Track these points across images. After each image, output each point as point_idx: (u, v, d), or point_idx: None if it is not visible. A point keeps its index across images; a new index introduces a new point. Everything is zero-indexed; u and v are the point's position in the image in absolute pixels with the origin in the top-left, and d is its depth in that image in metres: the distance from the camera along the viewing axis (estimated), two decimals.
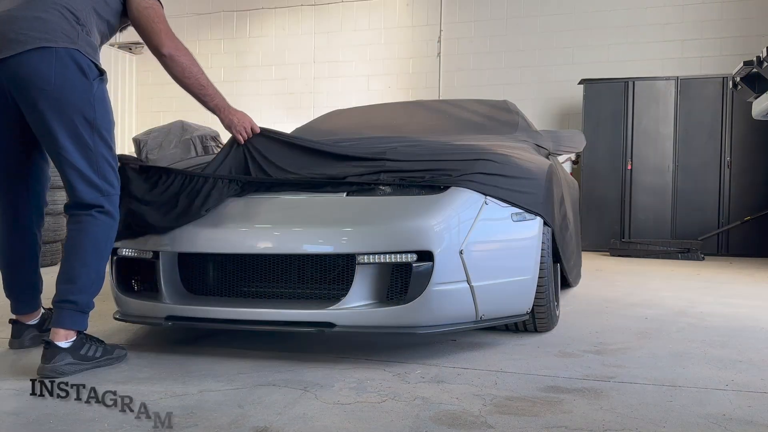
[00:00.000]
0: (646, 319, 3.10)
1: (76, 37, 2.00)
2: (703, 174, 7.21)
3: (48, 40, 1.93)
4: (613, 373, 2.11)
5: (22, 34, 1.93)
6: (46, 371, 1.95)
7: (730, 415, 1.71)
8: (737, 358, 2.34)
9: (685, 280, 4.74)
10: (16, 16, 1.96)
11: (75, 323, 2.05)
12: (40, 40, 1.92)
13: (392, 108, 4.25)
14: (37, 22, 1.95)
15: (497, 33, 8.57)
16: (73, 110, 1.99)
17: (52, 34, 1.95)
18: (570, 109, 8.24)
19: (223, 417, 1.66)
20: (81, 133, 2.02)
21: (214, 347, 2.43)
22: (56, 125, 1.99)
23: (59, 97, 1.96)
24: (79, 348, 2.05)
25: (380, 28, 9.02)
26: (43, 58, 1.92)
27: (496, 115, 3.76)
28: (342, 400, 1.80)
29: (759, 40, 7.47)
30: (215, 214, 2.37)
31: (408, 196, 2.28)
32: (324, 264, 2.32)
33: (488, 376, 2.05)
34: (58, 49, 1.94)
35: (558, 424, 1.63)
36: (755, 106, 5.56)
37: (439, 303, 2.15)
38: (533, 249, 2.43)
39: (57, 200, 5.28)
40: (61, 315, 2.02)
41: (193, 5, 9.65)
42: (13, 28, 1.94)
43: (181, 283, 2.41)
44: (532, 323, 2.60)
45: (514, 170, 2.42)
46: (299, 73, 9.25)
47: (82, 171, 2.06)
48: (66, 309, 2.03)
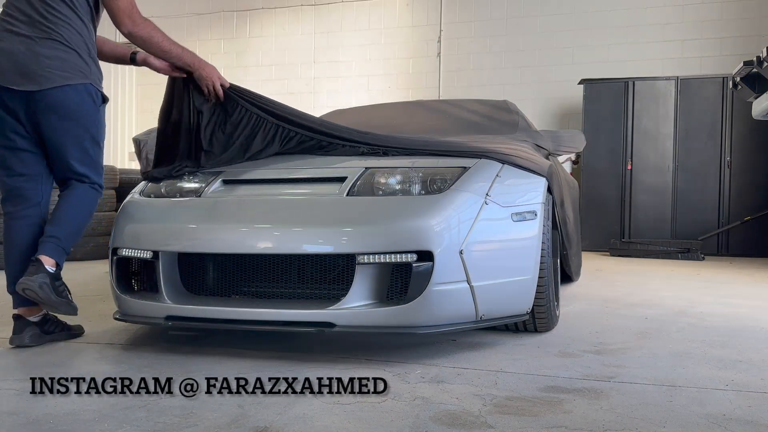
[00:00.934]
0: (646, 319, 3.10)
1: (89, 72, 2.43)
2: (703, 174, 7.22)
3: (68, 78, 2.35)
4: (613, 373, 2.10)
5: (47, 70, 2.31)
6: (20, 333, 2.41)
7: (730, 415, 1.71)
8: (737, 358, 2.34)
9: (685, 280, 4.74)
10: (39, 52, 2.31)
11: (56, 255, 2.38)
12: (62, 78, 2.33)
13: (392, 108, 4.25)
14: (58, 62, 2.33)
15: (497, 33, 8.57)
16: (84, 130, 2.44)
17: (71, 72, 2.36)
18: (570, 109, 8.24)
19: (223, 417, 1.66)
20: (86, 147, 2.48)
21: (214, 347, 2.43)
22: (69, 141, 2.42)
23: (74, 121, 2.40)
24: (44, 323, 2.47)
25: (380, 28, 9.03)
26: (64, 93, 2.34)
27: (496, 115, 3.77)
28: (342, 400, 1.80)
29: (759, 40, 7.48)
30: (215, 214, 2.37)
31: (408, 196, 2.28)
32: (324, 264, 2.32)
33: (488, 376, 2.05)
34: (77, 85, 2.37)
35: (558, 424, 1.63)
36: (755, 106, 5.57)
37: (439, 303, 2.15)
38: (533, 249, 2.43)
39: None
40: (46, 245, 2.37)
41: (193, 5, 9.66)
42: (39, 65, 2.31)
43: (181, 283, 2.41)
44: (532, 323, 2.60)
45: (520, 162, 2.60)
46: (299, 73, 9.26)
47: (79, 170, 2.51)
48: (51, 242, 2.38)
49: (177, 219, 2.44)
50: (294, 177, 2.53)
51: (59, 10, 2.35)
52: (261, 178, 2.58)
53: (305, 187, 2.46)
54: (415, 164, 2.44)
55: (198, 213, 2.42)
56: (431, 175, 2.36)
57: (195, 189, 2.57)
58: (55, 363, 2.18)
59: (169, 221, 2.44)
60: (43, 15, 2.33)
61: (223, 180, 2.58)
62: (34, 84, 2.30)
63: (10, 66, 2.29)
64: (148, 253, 2.38)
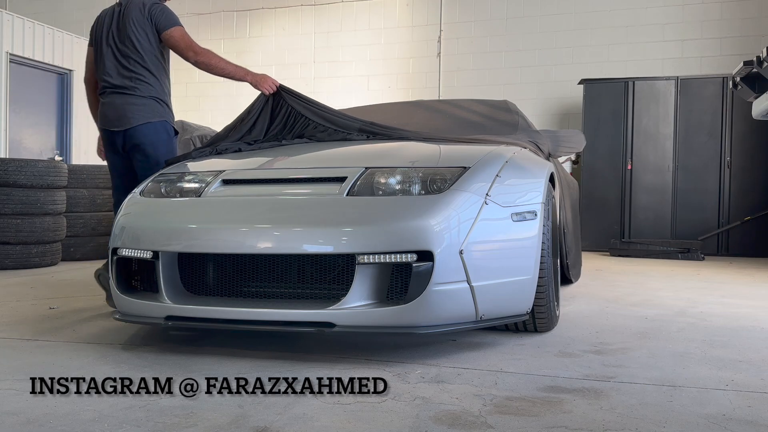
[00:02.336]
0: (646, 319, 3.10)
1: (164, 113, 3.25)
2: (703, 174, 7.22)
3: (149, 117, 3.18)
4: (613, 373, 2.10)
5: (136, 113, 3.17)
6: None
7: (730, 415, 1.71)
8: (737, 358, 2.34)
9: (685, 280, 4.74)
10: (133, 102, 3.18)
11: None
12: (145, 117, 3.18)
13: (392, 108, 4.24)
14: (143, 107, 3.18)
15: (497, 33, 8.57)
16: (161, 156, 3.17)
17: (152, 114, 3.19)
18: (570, 109, 8.24)
19: (223, 417, 1.66)
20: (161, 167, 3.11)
21: (214, 347, 2.43)
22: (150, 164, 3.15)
23: (154, 149, 3.18)
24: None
25: (380, 28, 9.03)
26: (147, 129, 3.17)
27: (496, 115, 3.77)
28: (342, 400, 1.80)
29: (759, 40, 7.48)
30: (215, 214, 2.37)
31: (408, 196, 2.28)
32: (324, 264, 2.32)
33: (488, 376, 2.05)
34: (156, 122, 3.19)
35: (558, 424, 1.63)
36: (755, 106, 5.56)
37: (439, 303, 2.15)
38: (533, 249, 2.42)
39: (57, 200, 5.29)
40: None
41: (193, 5, 9.65)
42: (131, 110, 3.17)
43: (181, 283, 2.41)
44: (532, 323, 2.60)
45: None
46: (299, 73, 9.26)
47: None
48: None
49: (177, 219, 2.44)
50: (294, 177, 2.53)
51: (139, 73, 3.19)
52: (261, 178, 2.58)
53: (305, 187, 2.46)
54: (415, 164, 2.44)
55: (198, 213, 2.42)
56: (431, 175, 2.36)
57: (195, 189, 2.57)
58: (55, 363, 2.18)
59: (169, 221, 2.44)
60: (129, 78, 3.18)
61: (223, 180, 2.58)
62: (128, 124, 3.15)
63: (114, 114, 3.19)
64: (148, 253, 2.38)
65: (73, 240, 5.69)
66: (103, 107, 3.24)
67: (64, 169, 5.42)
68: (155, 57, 3.21)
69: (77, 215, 5.71)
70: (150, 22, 3.18)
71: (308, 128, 3.23)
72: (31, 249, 5.11)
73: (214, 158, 2.99)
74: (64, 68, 8.67)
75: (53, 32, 8.57)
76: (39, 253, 5.17)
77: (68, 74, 8.75)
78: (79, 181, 5.77)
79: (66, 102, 8.75)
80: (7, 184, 5.03)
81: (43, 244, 5.20)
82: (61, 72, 8.71)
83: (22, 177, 5.06)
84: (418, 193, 2.29)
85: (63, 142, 8.75)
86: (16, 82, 8.10)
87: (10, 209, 5.03)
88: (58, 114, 8.73)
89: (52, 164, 5.32)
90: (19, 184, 5.06)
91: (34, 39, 8.29)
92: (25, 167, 5.09)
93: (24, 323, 2.86)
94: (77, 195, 5.72)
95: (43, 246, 5.20)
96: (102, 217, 5.86)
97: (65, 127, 8.75)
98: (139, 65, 3.17)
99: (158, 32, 3.20)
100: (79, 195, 5.73)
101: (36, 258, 5.15)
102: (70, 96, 8.74)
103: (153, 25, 3.19)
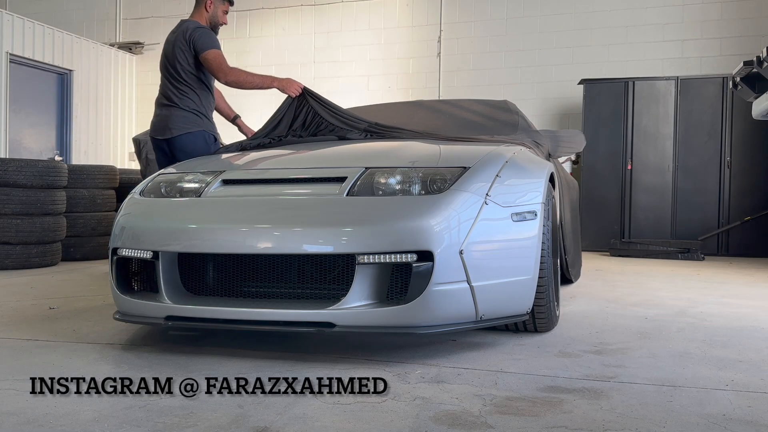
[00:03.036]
0: (646, 319, 3.10)
1: (203, 124, 3.64)
2: (703, 174, 7.22)
3: (189, 128, 3.58)
4: (613, 373, 2.10)
5: (178, 124, 3.58)
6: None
7: (730, 415, 1.71)
8: (737, 358, 2.34)
9: (685, 280, 4.74)
10: (176, 114, 3.59)
11: None
12: (185, 128, 3.58)
13: (392, 108, 4.24)
14: (184, 119, 3.59)
15: (497, 33, 8.57)
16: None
17: (192, 125, 3.60)
18: (570, 109, 8.24)
19: (223, 417, 1.66)
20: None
21: (214, 347, 2.43)
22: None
23: (193, 155, 3.48)
24: None
25: (380, 28, 9.03)
26: (188, 138, 3.57)
27: (496, 115, 3.77)
28: (342, 400, 1.80)
29: (759, 40, 7.48)
30: (215, 214, 2.37)
31: (408, 196, 2.28)
32: (324, 264, 2.32)
33: (488, 376, 2.05)
34: (196, 132, 3.59)
35: (558, 424, 1.63)
36: (755, 106, 5.56)
37: (439, 303, 2.15)
38: (533, 249, 2.42)
39: (57, 200, 5.29)
40: None
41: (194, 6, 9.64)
42: (173, 122, 3.58)
43: (181, 283, 2.41)
44: (532, 323, 2.60)
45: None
46: (299, 73, 9.25)
47: None
48: None
49: (177, 219, 2.44)
50: (294, 177, 2.53)
51: (182, 89, 3.60)
52: (261, 178, 2.58)
53: (305, 187, 2.46)
54: (415, 164, 2.44)
55: (198, 213, 2.42)
56: (431, 175, 2.36)
57: (195, 189, 2.57)
58: (55, 363, 2.18)
59: (169, 221, 2.44)
60: (174, 93, 3.60)
61: (223, 180, 2.58)
62: (169, 134, 3.58)
63: (160, 124, 3.63)
64: (148, 253, 2.38)
65: (73, 240, 5.69)
66: (154, 118, 3.72)
67: (64, 169, 5.42)
68: (195, 75, 3.62)
69: (77, 215, 5.71)
70: (189, 46, 3.59)
71: (321, 127, 3.45)
72: (31, 249, 5.11)
73: (221, 157, 3.14)
74: (64, 68, 8.68)
75: (53, 32, 8.57)
76: (39, 253, 5.17)
77: (68, 74, 8.75)
78: (79, 181, 5.77)
79: (66, 102, 8.76)
80: (7, 184, 5.03)
81: (43, 244, 5.20)
82: (61, 72, 8.71)
83: (22, 177, 5.06)
84: (418, 193, 2.29)
85: (63, 142, 8.75)
86: (16, 82, 8.10)
87: (10, 209, 5.03)
88: (58, 114, 8.74)
89: (52, 164, 5.32)
90: (19, 184, 5.06)
91: (34, 39, 8.30)
92: (25, 167, 5.09)
93: (24, 323, 2.86)
94: (77, 195, 5.72)
95: (43, 246, 5.20)
96: (102, 217, 5.86)
97: (65, 127, 8.75)
98: (182, 83, 3.60)
99: (196, 54, 3.59)
100: (79, 195, 5.73)
101: (36, 258, 5.15)
102: (70, 96, 8.74)
103: (191, 47, 3.58)
